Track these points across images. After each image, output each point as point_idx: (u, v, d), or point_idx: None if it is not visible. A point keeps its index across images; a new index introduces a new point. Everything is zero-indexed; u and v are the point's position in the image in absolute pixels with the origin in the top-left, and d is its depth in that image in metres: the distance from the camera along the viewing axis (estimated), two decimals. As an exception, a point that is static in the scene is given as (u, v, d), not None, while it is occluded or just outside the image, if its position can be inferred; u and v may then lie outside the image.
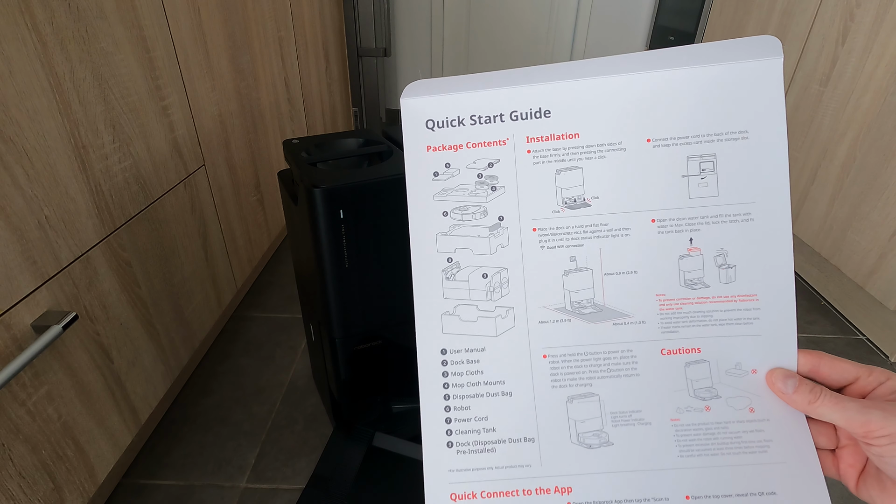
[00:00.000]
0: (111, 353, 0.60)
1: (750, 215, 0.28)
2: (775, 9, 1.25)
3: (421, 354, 0.30)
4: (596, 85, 0.29)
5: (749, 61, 0.27)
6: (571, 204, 0.29)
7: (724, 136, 0.28)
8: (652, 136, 0.28)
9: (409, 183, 0.30)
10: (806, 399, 0.26)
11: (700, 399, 0.28)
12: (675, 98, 0.28)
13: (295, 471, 0.73)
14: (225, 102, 0.88)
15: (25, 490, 0.49)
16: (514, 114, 0.29)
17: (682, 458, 0.28)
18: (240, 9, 0.93)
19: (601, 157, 0.29)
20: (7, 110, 0.45)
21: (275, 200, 1.14)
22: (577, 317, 0.29)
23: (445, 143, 0.30)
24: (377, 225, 0.56)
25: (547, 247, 0.29)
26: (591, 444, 0.29)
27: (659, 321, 0.29)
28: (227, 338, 0.98)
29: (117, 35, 0.59)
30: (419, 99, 0.30)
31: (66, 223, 0.53)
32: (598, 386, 0.29)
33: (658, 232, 0.28)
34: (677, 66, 0.28)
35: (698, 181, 0.28)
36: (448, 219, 0.30)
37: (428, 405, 0.29)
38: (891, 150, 0.90)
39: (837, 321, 1.07)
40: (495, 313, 0.29)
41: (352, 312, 0.60)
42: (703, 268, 0.28)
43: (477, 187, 0.30)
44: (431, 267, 0.30)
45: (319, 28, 1.45)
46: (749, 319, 0.28)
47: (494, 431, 0.29)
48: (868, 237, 0.95)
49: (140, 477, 0.71)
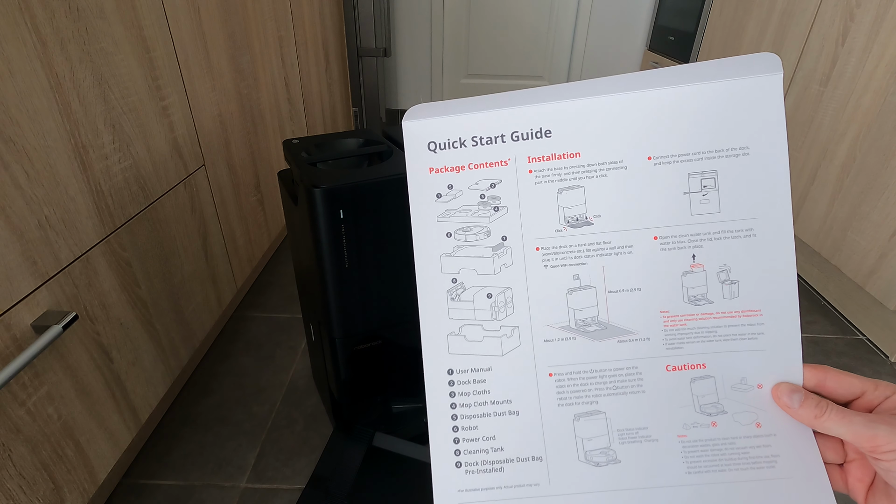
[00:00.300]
0: (111, 353, 0.60)
1: (752, 231, 0.28)
2: (775, 9, 1.25)
3: (428, 375, 0.30)
4: (596, 104, 0.29)
5: (749, 78, 0.27)
6: (574, 223, 0.29)
7: (725, 152, 0.28)
8: (653, 153, 0.28)
9: (413, 205, 0.30)
10: (812, 413, 0.26)
11: (706, 415, 0.28)
12: (675, 116, 0.28)
13: (295, 471, 0.73)
14: (225, 102, 0.88)
15: (25, 490, 0.49)
16: (514, 134, 0.29)
17: (690, 474, 0.28)
18: (240, 9, 0.93)
19: (602, 175, 0.29)
20: (7, 110, 0.45)
21: (275, 200, 1.14)
22: (582, 335, 0.29)
23: (448, 164, 0.30)
24: (377, 225, 0.56)
25: (550, 265, 0.29)
26: (598, 462, 0.29)
27: (663, 338, 0.29)
28: (227, 338, 0.98)
29: (117, 35, 0.59)
30: (421, 121, 0.30)
31: (66, 223, 0.53)
32: (604, 403, 0.29)
33: (661, 249, 0.28)
34: (677, 84, 0.28)
35: (700, 198, 0.28)
36: (452, 240, 0.30)
37: (436, 425, 0.30)
38: (891, 150, 0.90)
39: (837, 321, 1.07)
40: (500, 333, 0.30)
41: (352, 312, 0.60)
42: (706, 284, 0.28)
43: (480, 208, 0.30)
44: (436, 288, 0.30)
45: (319, 28, 1.45)
46: (753, 334, 0.28)
47: (502, 451, 0.29)
48: (868, 237, 0.95)
49: (140, 477, 0.71)
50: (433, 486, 0.29)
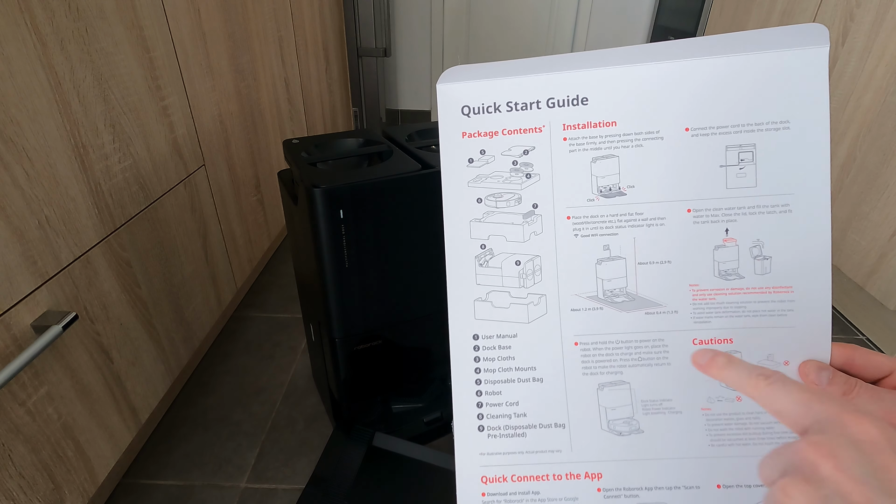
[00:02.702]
0: (111, 353, 0.60)
1: (788, 206, 0.28)
2: (775, 9, 1.25)
3: (453, 339, 0.30)
4: (634, 72, 0.28)
5: (794, 49, 0.26)
6: (606, 192, 0.29)
7: (765, 125, 0.27)
8: (691, 125, 0.28)
9: (444, 169, 0.30)
10: (841, 391, 0.26)
11: (731, 389, 0.28)
12: (715, 87, 0.27)
13: (295, 471, 0.73)
14: (225, 102, 0.88)
15: (25, 490, 0.49)
16: (550, 101, 0.29)
17: (714, 447, 0.28)
18: (240, 9, 0.93)
19: (638, 145, 0.28)
20: (7, 110, 0.45)
21: (275, 200, 1.14)
22: (610, 305, 0.29)
23: (481, 129, 0.30)
24: (377, 225, 0.56)
25: (581, 235, 0.29)
26: (621, 432, 0.29)
27: (692, 311, 0.28)
28: (227, 338, 0.98)
29: (117, 35, 0.59)
30: (455, 84, 0.30)
31: (66, 223, 0.53)
32: (629, 374, 0.29)
33: (693, 222, 0.28)
34: (719, 55, 0.27)
35: (736, 171, 0.28)
36: (482, 206, 0.30)
37: (460, 389, 0.30)
38: (891, 149, 0.90)
39: (837, 321, 1.07)
40: (528, 300, 0.29)
41: (352, 312, 0.60)
42: (738, 259, 0.28)
43: (512, 174, 0.30)
44: (465, 253, 0.30)
45: (319, 28, 1.45)
46: (783, 311, 0.28)
47: (525, 416, 0.29)
48: (868, 237, 0.95)
49: (140, 477, 0.71)
50: (455, 447, 0.29)
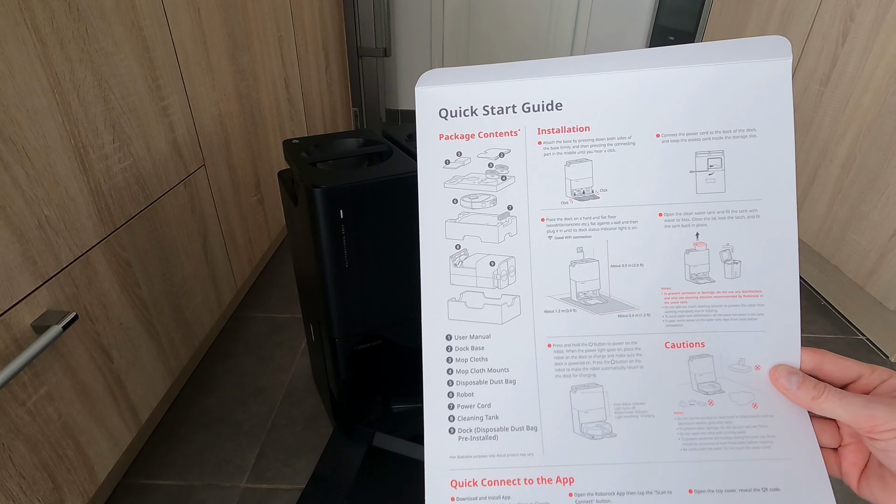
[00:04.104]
0: (111, 353, 0.60)
1: (756, 212, 0.28)
2: (775, 9, 1.25)
3: (426, 339, 0.30)
4: (607, 80, 0.29)
5: (758, 61, 0.28)
6: (580, 195, 0.29)
7: (733, 133, 0.28)
8: (661, 131, 0.29)
9: (421, 170, 0.30)
10: (810, 395, 0.26)
11: (703, 393, 0.28)
12: (685, 95, 0.28)
13: (295, 471, 0.73)
14: (225, 102, 0.88)
15: (25, 490, 0.49)
16: (526, 105, 0.30)
17: (686, 451, 0.28)
18: (240, 9, 0.93)
19: (611, 150, 0.29)
20: (7, 110, 0.45)
21: (275, 200, 1.14)
22: (583, 307, 0.29)
23: (458, 131, 0.30)
24: (377, 225, 0.56)
25: (555, 237, 0.29)
26: (593, 435, 0.29)
27: (664, 314, 0.29)
28: (227, 338, 0.98)
29: (117, 35, 0.59)
30: (433, 88, 0.30)
31: (66, 223, 0.53)
32: (602, 377, 0.29)
33: (665, 226, 0.29)
34: (688, 64, 0.28)
35: (706, 177, 0.28)
36: (458, 206, 0.30)
37: (431, 390, 0.29)
38: (891, 150, 0.90)
39: (837, 321, 1.07)
40: (501, 301, 0.30)
41: (352, 312, 0.60)
42: (708, 262, 0.28)
43: (487, 176, 0.30)
44: (439, 253, 0.30)
45: (319, 28, 1.45)
46: (753, 315, 0.28)
47: (497, 419, 0.29)
48: (868, 237, 0.95)
49: (140, 477, 0.71)
50: (425, 450, 0.29)
